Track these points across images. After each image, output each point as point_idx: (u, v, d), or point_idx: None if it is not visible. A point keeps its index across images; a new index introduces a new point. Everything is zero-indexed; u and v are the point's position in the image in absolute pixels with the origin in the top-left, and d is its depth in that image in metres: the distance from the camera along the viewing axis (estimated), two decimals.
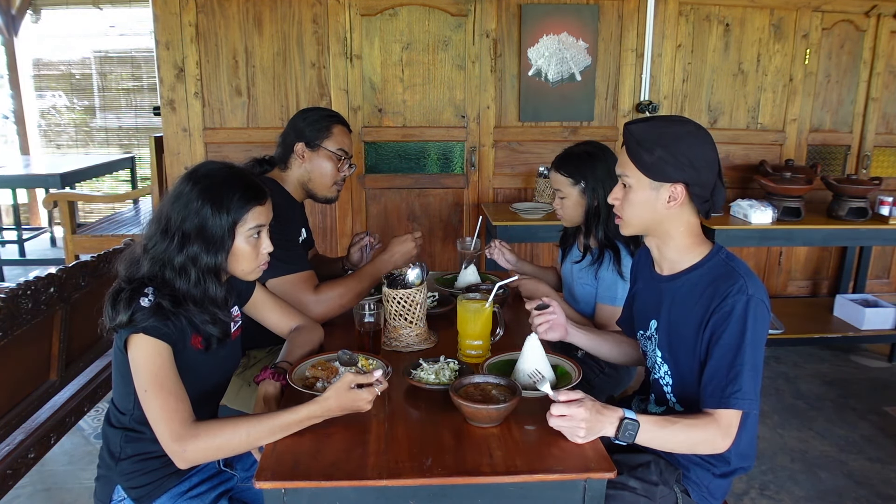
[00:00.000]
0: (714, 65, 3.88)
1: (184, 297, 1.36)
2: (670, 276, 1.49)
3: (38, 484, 2.47)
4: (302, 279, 1.89)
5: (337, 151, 2.04)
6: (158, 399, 1.29)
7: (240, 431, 1.28)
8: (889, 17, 3.90)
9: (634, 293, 1.69)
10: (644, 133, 1.39)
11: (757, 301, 1.34)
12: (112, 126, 6.69)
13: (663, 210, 1.41)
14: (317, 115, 2.06)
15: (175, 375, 1.33)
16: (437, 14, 3.63)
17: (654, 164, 1.37)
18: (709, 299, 1.38)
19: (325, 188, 2.07)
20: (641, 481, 1.42)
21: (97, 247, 3.64)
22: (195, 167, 1.45)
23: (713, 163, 1.39)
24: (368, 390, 1.29)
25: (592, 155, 2.02)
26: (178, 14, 3.47)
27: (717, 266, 1.42)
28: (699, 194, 1.39)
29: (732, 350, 1.34)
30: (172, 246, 1.36)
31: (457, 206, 3.88)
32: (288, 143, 2.04)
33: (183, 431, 1.27)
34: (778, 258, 4.24)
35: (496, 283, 1.86)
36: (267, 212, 1.46)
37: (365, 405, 1.30)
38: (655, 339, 1.54)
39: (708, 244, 1.47)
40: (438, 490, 1.19)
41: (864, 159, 4.12)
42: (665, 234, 1.46)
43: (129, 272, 1.39)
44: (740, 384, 1.33)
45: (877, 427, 3.00)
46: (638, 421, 1.29)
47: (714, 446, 1.36)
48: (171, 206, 1.38)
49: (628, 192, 1.43)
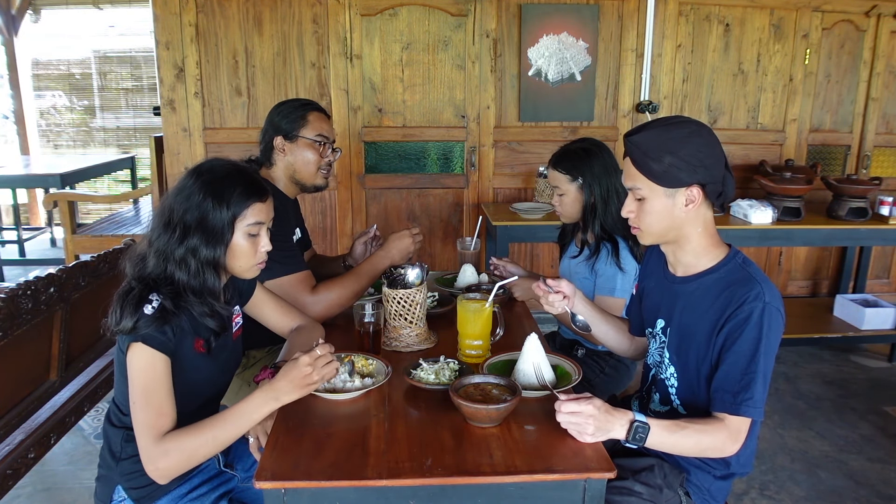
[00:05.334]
0: (714, 65, 3.88)
1: (184, 289, 1.38)
2: (685, 277, 1.48)
3: (38, 484, 2.46)
4: (298, 279, 1.88)
5: (315, 138, 2.03)
6: (142, 413, 1.32)
7: (205, 436, 1.31)
8: (889, 17, 3.90)
9: (643, 290, 1.66)
10: (648, 142, 1.37)
11: (773, 309, 1.33)
12: (111, 126, 6.69)
13: (682, 214, 1.39)
14: (290, 107, 2.04)
15: (164, 389, 1.34)
16: (437, 14, 3.63)
17: (665, 173, 1.35)
18: (724, 304, 1.37)
19: (311, 176, 2.06)
20: (646, 485, 1.42)
21: (97, 247, 3.63)
22: (200, 163, 1.48)
23: (721, 156, 1.38)
24: (310, 363, 1.30)
25: (589, 151, 2.03)
26: (178, 14, 3.47)
27: (733, 270, 1.41)
28: (713, 190, 1.39)
29: (747, 357, 1.33)
30: (174, 238, 1.38)
31: (457, 206, 3.88)
32: (267, 140, 2.03)
33: (154, 451, 1.30)
34: (778, 258, 4.24)
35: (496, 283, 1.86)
36: (267, 210, 1.46)
37: (310, 377, 1.30)
38: (661, 339, 1.54)
39: (724, 247, 1.46)
40: (438, 490, 1.19)
41: (864, 159, 4.13)
42: (684, 238, 1.44)
43: (137, 269, 1.41)
44: (752, 392, 1.32)
45: (877, 427, 3.00)
46: (648, 424, 1.29)
47: (723, 451, 1.36)
48: (174, 199, 1.41)
49: (643, 204, 1.41)
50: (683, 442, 1.34)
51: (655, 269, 1.61)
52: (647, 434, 1.29)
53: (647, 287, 1.65)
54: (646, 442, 1.29)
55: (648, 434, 1.29)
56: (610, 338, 1.72)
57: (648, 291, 1.63)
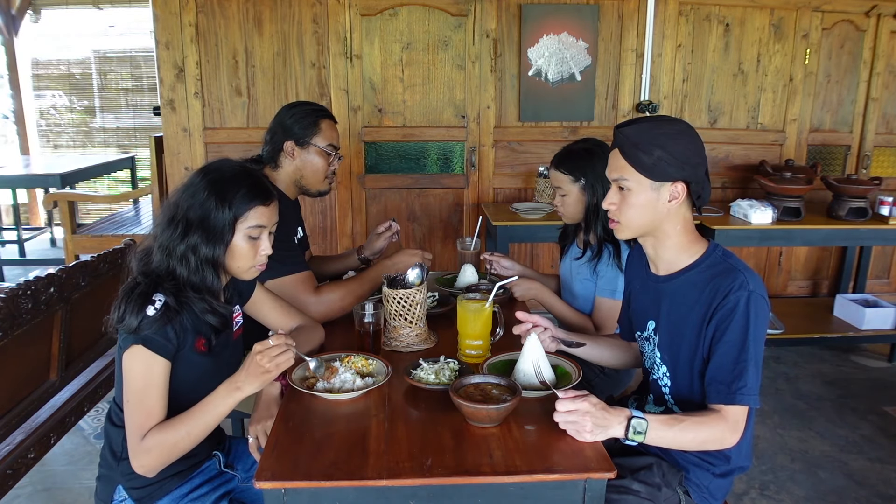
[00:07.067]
0: (714, 65, 3.88)
1: (184, 285, 1.39)
2: (667, 276, 1.49)
3: (38, 484, 2.46)
4: (301, 280, 1.89)
5: (326, 147, 2.04)
6: (134, 413, 1.34)
7: (180, 432, 1.34)
8: (889, 17, 3.90)
9: (630, 294, 1.68)
10: (639, 135, 1.39)
11: (757, 296, 1.35)
12: (111, 126, 6.69)
13: (664, 210, 1.41)
14: (303, 112, 2.04)
15: (158, 392, 1.36)
16: (437, 14, 3.63)
17: (654, 166, 1.38)
18: (710, 297, 1.39)
19: (317, 183, 2.07)
20: (644, 484, 1.42)
21: (97, 247, 3.63)
22: (210, 161, 1.49)
23: (704, 160, 1.42)
24: (260, 351, 1.31)
25: (591, 152, 2.03)
26: (178, 14, 3.47)
27: (715, 263, 1.43)
28: (695, 190, 1.41)
29: (737, 346, 1.34)
30: (176, 234, 1.39)
31: (457, 206, 3.88)
32: (276, 141, 2.03)
33: (138, 449, 1.34)
34: (778, 258, 4.24)
35: (496, 282, 1.86)
36: (271, 214, 1.47)
37: (262, 365, 1.31)
38: (654, 340, 1.54)
39: (703, 242, 1.48)
40: (438, 490, 1.19)
41: (864, 159, 4.13)
42: (663, 234, 1.46)
43: (142, 264, 1.42)
44: (746, 380, 1.33)
45: (877, 427, 3.00)
46: (646, 420, 1.29)
47: (723, 443, 1.36)
48: (180, 196, 1.43)
49: (627, 196, 1.42)
50: (682, 436, 1.34)
51: (638, 270, 1.62)
52: (646, 430, 1.29)
53: (633, 290, 1.66)
54: (645, 438, 1.30)
55: (647, 430, 1.29)
56: (608, 358, 1.72)
57: (635, 294, 1.64)
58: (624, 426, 1.29)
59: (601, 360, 1.72)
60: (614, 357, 1.72)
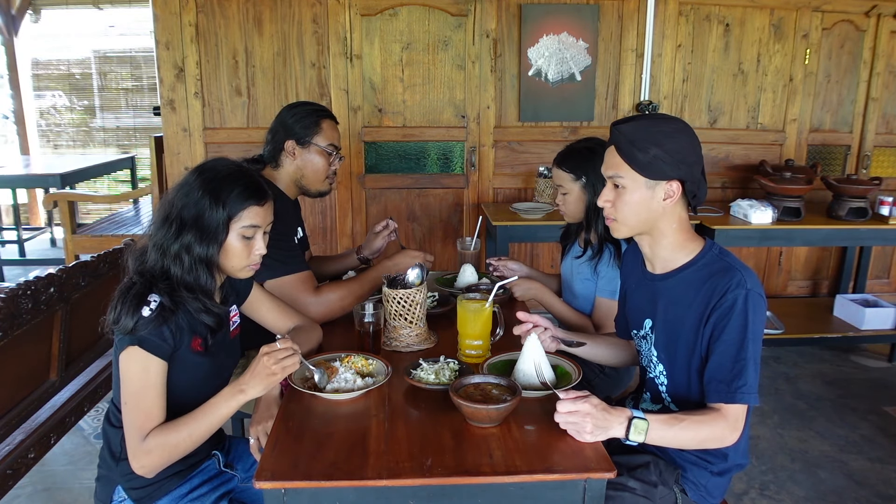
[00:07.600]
0: (714, 65, 3.88)
1: (178, 284, 1.38)
2: (664, 274, 1.49)
3: (38, 484, 2.46)
4: (301, 280, 1.89)
5: (327, 147, 2.04)
6: (132, 414, 1.34)
7: (182, 433, 1.34)
8: (889, 17, 3.90)
9: (626, 293, 1.68)
10: (636, 132, 1.39)
11: (755, 294, 1.35)
12: (111, 126, 6.69)
13: (658, 208, 1.41)
14: (304, 111, 2.04)
15: (156, 393, 1.35)
16: (437, 14, 3.63)
17: (650, 163, 1.37)
18: (707, 295, 1.39)
19: (318, 183, 2.08)
20: (641, 482, 1.42)
21: (97, 247, 3.63)
22: (206, 160, 1.49)
23: (700, 159, 1.41)
24: (267, 353, 1.33)
25: (593, 151, 2.03)
26: (178, 14, 3.47)
27: (711, 262, 1.43)
28: (690, 189, 1.41)
29: (736, 345, 1.34)
30: (171, 233, 1.39)
31: (457, 206, 3.88)
32: (277, 141, 2.03)
33: (138, 449, 1.33)
34: (778, 258, 4.24)
35: (496, 282, 1.86)
36: (265, 214, 1.46)
37: (269, 367, 1.32)
38: (651, 339, 1.54)
39: (699, 240, 1.47)
40: (438, 490, 1.19)
41: (864, 159, 4.13)
42: (659, 233, 1.45)
43: (138, 263, 1.42)
44: (745, 378, 1.33)
45: (877, 427, 3.00)
46: (647, 420, 1.29)
47: (723, 441, 1.36)
48: (175, 194, 1.43)
49: (622, 193, 1.42)
50: (683, 435, 1.34)
51: (634, 269, 1.62)
52: (647, 430, 1.29)
53: (628, 288, 1.66)
54: (646, 437, 1.30)
55: (648, 430, 1.29)
56: (607, 356, 1.72)
57: (630, 293, 1.64)
58: (625, 426, 1.29)
59: (601, 359, 1.72)
60: (614, 356, 1.72)
